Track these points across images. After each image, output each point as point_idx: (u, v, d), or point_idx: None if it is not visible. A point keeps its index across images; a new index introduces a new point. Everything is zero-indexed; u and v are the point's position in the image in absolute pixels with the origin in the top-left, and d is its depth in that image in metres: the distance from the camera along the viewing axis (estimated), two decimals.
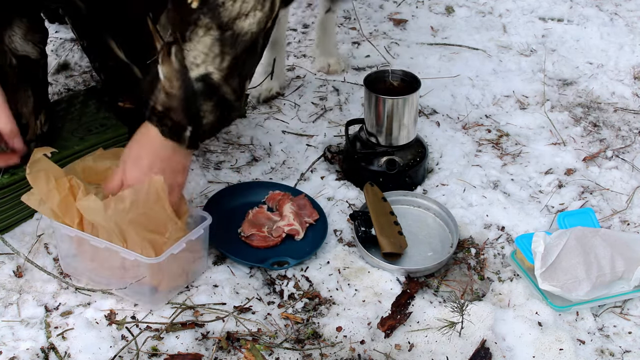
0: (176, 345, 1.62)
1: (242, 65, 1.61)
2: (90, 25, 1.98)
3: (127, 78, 1.98)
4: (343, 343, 1.65)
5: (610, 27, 2.91)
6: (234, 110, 1.66)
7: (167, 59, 1.58)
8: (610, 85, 2.58)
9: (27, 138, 1.84)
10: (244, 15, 1.55)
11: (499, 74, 2.64)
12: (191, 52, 1.55)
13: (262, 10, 1.57)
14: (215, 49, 1.56)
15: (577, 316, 1.73)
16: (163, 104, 1.59)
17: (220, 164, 2.18)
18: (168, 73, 1.58)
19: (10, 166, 1.85)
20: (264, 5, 1.57)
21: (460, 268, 1.88)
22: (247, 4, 1.54)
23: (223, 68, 1.58)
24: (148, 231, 1.62)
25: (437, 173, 2.16)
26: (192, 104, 1.59)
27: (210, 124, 1.63)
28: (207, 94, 1.59)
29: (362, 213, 1.93)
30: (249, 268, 1.84)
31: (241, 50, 1.58)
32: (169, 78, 1.57)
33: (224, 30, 1.55)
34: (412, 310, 1.72)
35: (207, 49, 1.55)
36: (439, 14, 3.03)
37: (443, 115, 2.42)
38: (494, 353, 1.63)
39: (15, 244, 1.82)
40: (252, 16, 1.56)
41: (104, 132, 2.00)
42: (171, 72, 1.57)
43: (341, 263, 1.86)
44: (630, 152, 2.28)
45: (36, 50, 1.82)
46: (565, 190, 2.10)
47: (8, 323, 1.67)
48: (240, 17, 1.55)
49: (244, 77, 1.65)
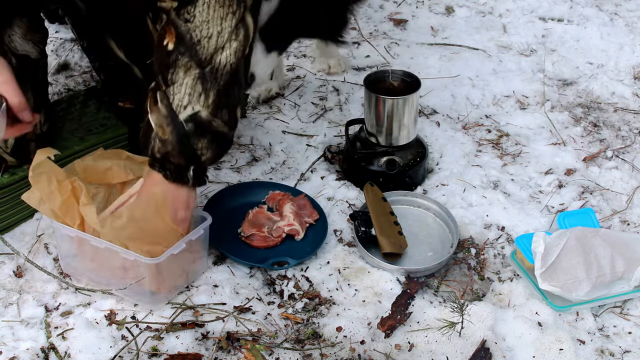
0: (176, 345, 1.62)
1: (227, 97, 1.63)
2: (90, 26, 1.98)
3: (127, 78, 1.98)
4: (343, 343, 1.65)
5: (610, 27, 2.91)
6: (229, 140, 1.69)
7: (154, 106, 1.61)
8: (610, 85, 2.58)
9: (27, 137, 1.85)
10: (220, 49, 1.57)
11: (499, 74, 2.64)
12: (176, 95, 1.58)
13: (236, 39, 1.58)
14: (198, 88, 1.58)
15: (577, 316, 1.73)
16: (159, 150, 1.62)
17: (220, 164, 2.18)
18: (158, 120, 1.60)
19: (10, 167, 1.86)
20: (237, 35, 1.58)
21: (460, 268, 1.88)
22: (222, 37, 1.56)
23: (209, 104, 1.60)
24: (145, 243, 1.62)
25: (437, 173, 2.16)
26: (187, 145, 1.61)
27: (209, 159, 1.66)
28: (199, 133, 1.61)
29: (362, 213, 1.93)
30: (249, 268, 1.84)
31: (224, 83, 1.60)
32: (160, 125, 1.60)
33: (204, 67, 1.57)
34: (412, 310, 1.72)
35: (190, 89, 1.57)
36: (439, 14, 3.03)
37: (443, 115, 2.42)
38: (494, 353, 1.63)
39: (15, 244, 1.82)
40: (227, 48, 1.57)
41: (104, 132, 2.00)
42: (160, 118, 1.60)
43: (341, 263, 1.86)
44: (630, 152, 2.28)
45: (36, 50, 1.82)
46: (565, 191, 2.10)
47: (8, 323, 1.67)
48: (217, 51, 1.57)
49: (233, 107, 1.66)
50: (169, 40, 1.57)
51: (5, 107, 1.54)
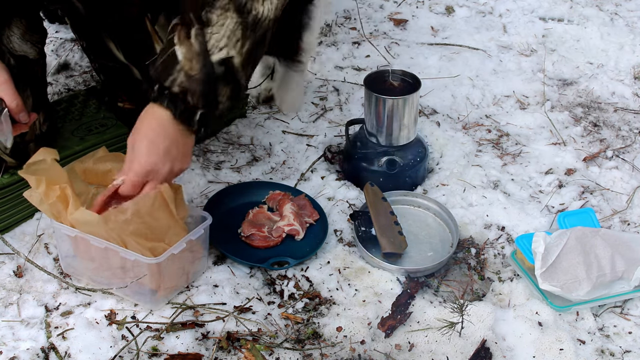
0: (176, 345, 1.62)
1: (257, 51, 1.61)
2: (89, 26, 1.98)
3: (127, 79, 1.98)
4: (343, 343, 1.65)
5: (610, 27, 2.91)
6: (240, 99, 1.64)
7: (185, 40, 1.55)
8: (610, 85, 2.58)
9: (26, 138, 1.84)
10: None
11: (499, 74, 2.64)
12: (214, 35, 1.54)
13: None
14: (237, 33, 1.55)
15: (577, 316, 1.73)
16: (181, 85, 1.56)
17: (221, 164, 2.18)
18: (188, 54, 1.55)
19: (10, 167, 1.86)
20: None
21: (460, 268, 1.88)
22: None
23: (243, 52, 1.57)
24: (148, 240, 1.62)
25: (437, 173, 2.16)
26: (212, 88, 1.57)
27: (222, 110, 1.62)
28: (226, 79, 1.58)
29: (362, 213, 1.93)
30: (249, 268, 1.84)
31: (259, 35, 1.59)
32: (190, 59, 1.55)
33: (244, 13, 1.55)
34: (412, 310, 1.72)
35: (230, 32, 1.55)
36: (439, 14, 3.03)
37: (443, 115, 2.42)
38: (494, 353, 1.63)
39: (15, 244, 1.82)
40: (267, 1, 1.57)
41: (104, 132, 2.01)
42: (191, 53, 1.54)
43: (341, 263, 1.86)
44: (630, 152, 2.28)
45: (34, 50, 1.82)
46: (565, 190, 2.10)
47: (8, 323, 1.67)
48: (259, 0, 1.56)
49: (255, 66, 1.65)
50: None
51: (7, 112, 1.53)
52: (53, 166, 1.62)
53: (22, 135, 1.83)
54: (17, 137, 1.81)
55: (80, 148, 1.95)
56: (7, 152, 1.82)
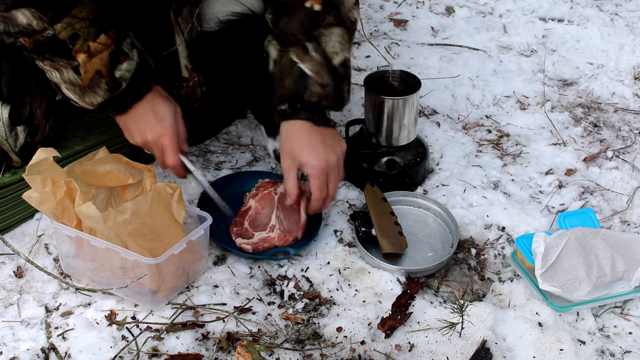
0: (176, 346, 1.62)
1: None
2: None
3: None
4: (343, 343, 1.65)
5: (610, 28, 2.91)
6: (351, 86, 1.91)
7: (305, 56, 1.76)
8: (610, 86, 2.58)
9: (35, 140, 1.86)
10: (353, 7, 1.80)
11: (499, 74, 2.64)
12: (329, 43, 1.77)
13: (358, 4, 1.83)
14: (345, 37, 1.80)
15: (577, 316, 1.73)
16: (317, 94, 1.77)
17: (221, 164, 2.18)
18: (314, 67, 1.76)
19: (13, 167, 1.86)
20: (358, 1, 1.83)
21: (460, 268, 1.88)
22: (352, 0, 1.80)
23: (351, 52, 1.84)
24: (148, 240, 1.62)
25: (438, 173, 2.16)
26: (341, 88, 1.82)
27: (346, 103, 1.86)
28: (347, 77, 1.84)
29: (362, 213, 1.93)
30: (249, 268, 1.84)
31: (354, 34, 1.85)
32: (317, 71, 1.77)
33: (344, 21, 1.79)
34: (413, 310, 1.72)
35: (340, 37, 1.78)
36: (440, 14, 3.03)
37: (443, 115, 2.42)
38: (494, 353, 1.63)
39: (15, 244, 1.82)
40: (355, 8, 1.81)
41: (105, 132, 2.00)
42: (317, 65, 1.76)
43: (341, 263, 1.86)
44: (630, 152, 2.28)
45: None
46: (565, 191, 2.10)
47: (8, 323, 1.67)
48: (351, 9, 1.80)
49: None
50: (313, 3, 1.74)
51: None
52: (54, 165, 1.63)
53: (32, 135, 1.85)
54: (27, 137, 1.83)
55: (81, 148, 1.95)
56: (15, 150, 1.84)
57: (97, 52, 1.64)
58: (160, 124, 1.76)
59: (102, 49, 1.65)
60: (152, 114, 1.76)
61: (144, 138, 1.77)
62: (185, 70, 1.92)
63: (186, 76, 1.93)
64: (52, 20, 1.58)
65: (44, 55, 1.63)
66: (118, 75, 1.69)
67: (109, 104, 1.73)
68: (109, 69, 1.67)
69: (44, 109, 1.87)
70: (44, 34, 1.58)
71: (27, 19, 1.56)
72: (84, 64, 1.64)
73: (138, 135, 1.78)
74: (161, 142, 1.77)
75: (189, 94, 1.96)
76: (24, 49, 1.63)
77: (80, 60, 1.63)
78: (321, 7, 1.74)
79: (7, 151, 1.84)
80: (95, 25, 1.64)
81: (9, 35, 1.60)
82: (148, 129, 1.76)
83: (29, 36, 1.59)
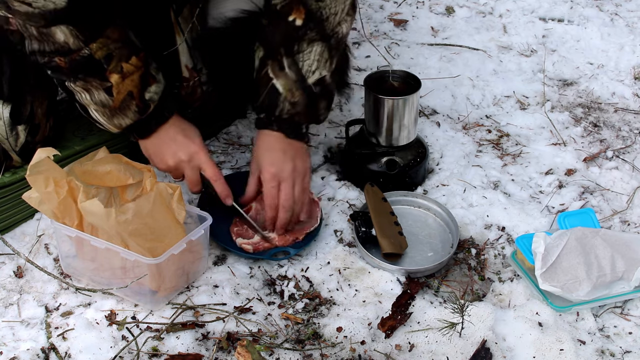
0: (176, 346, 1.62)
1: (338, 62, 1.84)
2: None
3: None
4: (343, 343, 1.65)
5: (610, 28, 2.91)
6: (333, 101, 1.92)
7: (280, 72, 1.76)
8: (610, 86, 2.58)
9: (36, 139, 1.86)
10: (339, 23, 1.78)
11: (499, 74, 2.64)
12: (305, 61, 1.76)
13: (351, 15, 1.80)
14: (325, 55, 1.78)
15: (577, 316, 1.73)
16: (288, 112, 1.78)
17: (221, 164, 2.18)
18: (287, 84, 1.76)
19: (14, 166, 1.86)
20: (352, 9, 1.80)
21: (460, 268, 1.88)
22: (343, 13, 1.77)
23: (332, 69, 1.82)
24: (148, 240, 1.62)
25: (438, 173, 2.16)
26: (314, 106, 1.81)
27: (324, 118, 1.89)
28: (323, 95, 1.82)
29: (362, 213, 1.93)
30: (249, 268, 1.84)
31: (341, 50, 1.87)
32: (290, 89, 1.77)
33: (328, 37, 1.77)
34: (413, 310, 1.72)
35: (318, 56, 1.77)
36: (440, 14, 3.03)
37: (443, 115, 2.42)
38: (494, 353, 1.63)
39: (15, 244, 1.82)
40: (344, 22, 1.79)
41: (105, 132, 1.99)
42: (290, 83, 1.76)
43: (341, 263, 1.86)
44: (630, 152, 2.28)
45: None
46: (565, 191, 2.10)
47: (8, 323, 1.67)
48: (338, 25, 1.78)
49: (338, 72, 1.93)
50: (297, 16, 1.73)
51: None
52: (55, 165, 1.63)
53: (33, 135, 1.85)
54: (27, 137, 1.84)
55: (81, 148, 1.95)
56: (16, 149, 1.84)
57: (129, 73, 1.66)
58: (193, 142, 1.78)
59: (133, 71, 1.67)
60: (182, 135, 1.77)
61: (177, 158, 1.78)
62: (185, 70, 1.92)
63: (186, 76, 1.93)
64: (88, 40, 1.60)
65: (77, 75, 1.64)
66: (148, 97, 1.71)
67: (134, 127, 1.74)
68: (140, 90, 1.69)
69: (45, 108, 1.87)
70: (80, 53, 1.61)
71: (65, 36, 1.58)
72: (117, 84, 1.65)
73: (170, 157, 1.78)
74: (197, 159, 1.78)
75: (189, 94, 1.96)
76: (57, 70, 1.64)
77: (113, 80, 1.65)
78: (303, 22, 1.73)
79: (7, 150, 1.84)
80: (127, 47, 1.66)
81: (42, 54, 1.62)
82: (180, 149, 1.77)
83: (64, 55, 1.61)
